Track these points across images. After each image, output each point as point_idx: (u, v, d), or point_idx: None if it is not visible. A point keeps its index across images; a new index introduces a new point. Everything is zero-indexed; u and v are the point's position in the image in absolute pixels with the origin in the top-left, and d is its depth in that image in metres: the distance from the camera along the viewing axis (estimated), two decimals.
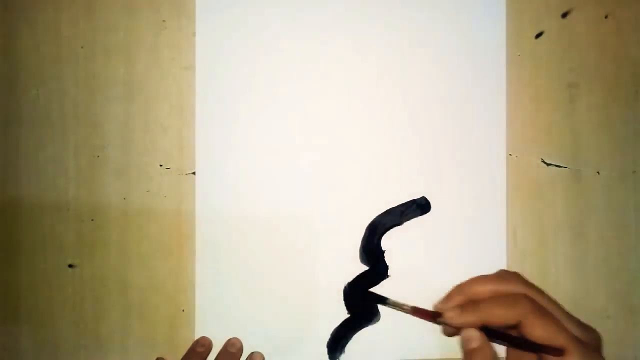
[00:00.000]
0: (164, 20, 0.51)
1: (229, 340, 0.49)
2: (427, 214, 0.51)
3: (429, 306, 0.33)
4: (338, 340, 0.51)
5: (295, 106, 0.51)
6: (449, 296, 0.33)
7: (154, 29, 0.51)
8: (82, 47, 0.51)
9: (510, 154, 0.52)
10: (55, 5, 0.51)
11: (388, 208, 0.51)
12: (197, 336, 0.50)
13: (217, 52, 0.51)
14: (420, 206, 0.51)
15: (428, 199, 0.51)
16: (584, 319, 0.51)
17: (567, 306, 0.51)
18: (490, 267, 0.51)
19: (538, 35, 0.52)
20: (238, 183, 0.51)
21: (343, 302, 0.51)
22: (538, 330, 0.30)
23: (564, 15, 0.52)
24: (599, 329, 0.54)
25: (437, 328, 0.38)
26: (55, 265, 0.50)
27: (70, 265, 0.51)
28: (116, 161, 0.51)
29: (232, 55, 0.51)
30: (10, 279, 0.51)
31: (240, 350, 0.49)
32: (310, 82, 0.52)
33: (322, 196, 0.51)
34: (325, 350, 0.51)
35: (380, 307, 0.51)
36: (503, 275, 0.32)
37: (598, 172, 0.52)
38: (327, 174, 0.51)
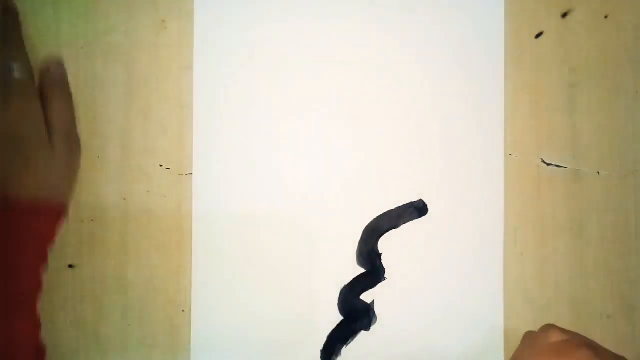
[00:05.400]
0: (163, 20, 0.51)
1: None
2: (425, 214, 0.51)
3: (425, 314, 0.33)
4: (334, 344, 0.51)
5: (294, 107, 0.51)
6: None
7: (154, 29, 0.51)
8: (82, 47, 0.51)
9: (509, 154, 0.52)
10: (55, 5, 0.51)
11: (385, 211, 0.51)
12: (193, 336, 0.50)
13: (216, 53, 0.51)
14: (417, 209, 0.51)
15: (426, 198, 0.51)
16: (584, 319, 0.52)
17: (567, 306, 0.52)
18: (489, 268, 0.51)
19: (538, 36, 0.52)
20: (236, 184, 0.51)
21: (339, 305, 0.51)
22: None
23: (564, 15, 0.52)
24: (598, 329, 0.54)
25: (435, 331, 0.38)
26: (55, 265, 0.51)
27: (70, 266, 0.51)
28: (116, 161, 0.51)
29: (231, 55, 0.51)
30: None
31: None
32: (309, 83, 0.51)
33: (319, 198, 0.51)
34: (322, 353, 0.51)
35: (376, 310, 0.51)
36: None
37: (598, 172, 0.52)
38: (325, 175, 0.51)
